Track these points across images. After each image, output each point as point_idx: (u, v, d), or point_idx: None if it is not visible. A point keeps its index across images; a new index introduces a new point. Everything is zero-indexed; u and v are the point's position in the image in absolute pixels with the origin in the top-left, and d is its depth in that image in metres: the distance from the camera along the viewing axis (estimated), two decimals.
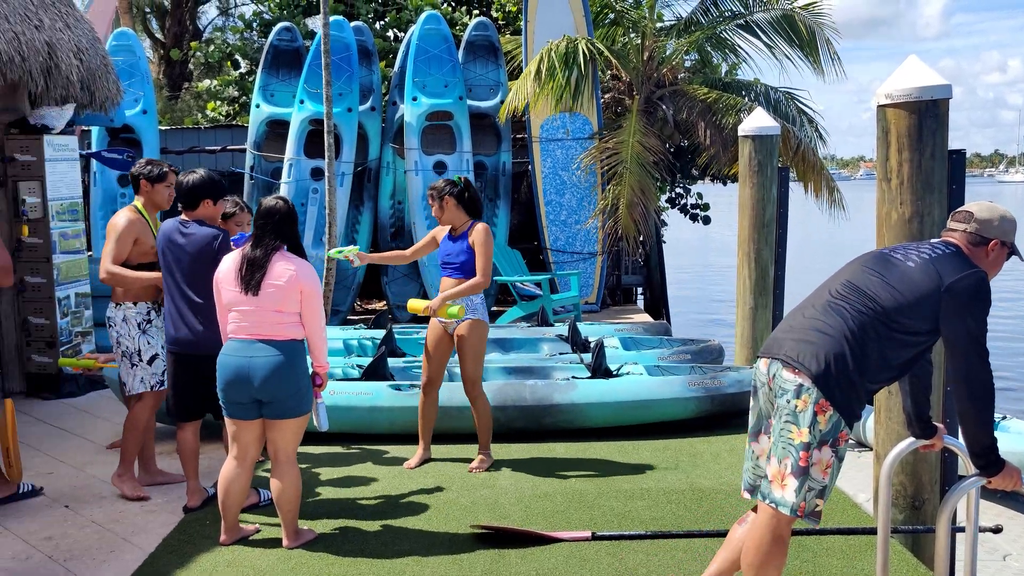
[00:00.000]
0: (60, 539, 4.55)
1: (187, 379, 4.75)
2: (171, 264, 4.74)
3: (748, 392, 6.35)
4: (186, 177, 4.83)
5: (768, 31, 12.19)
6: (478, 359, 5.43)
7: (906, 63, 4.33)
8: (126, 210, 5.14)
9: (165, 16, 24.09)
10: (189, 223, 4.77)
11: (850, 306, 3.17)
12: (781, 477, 3.16)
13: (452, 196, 5.39)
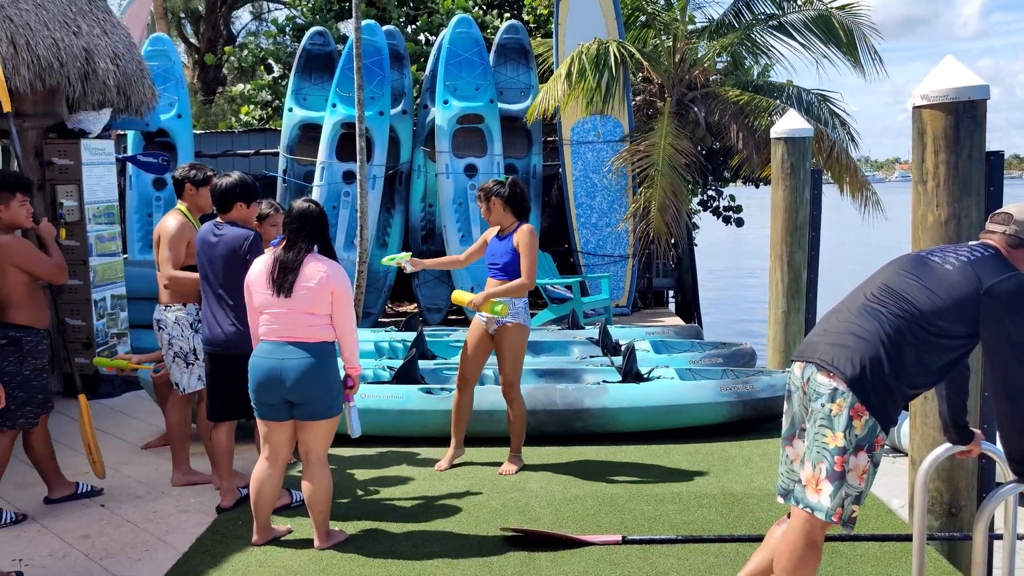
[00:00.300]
0: (96, 538, 4.61)
1: (221, 379, 4.79)
2: (205, 266, 4.80)
3: (781, 396, 6.31)
4: (220, 180, 4.88)
5: (803, 31, 12.10)
6: (517, 362, 5.43)
7: (942, 63, 4.27)
8: (174, 214, 5.21)
9: (200, 21, 24.39)
10: (223, 225, 4.83)
11: (886, 310, 3.13)
12: (816, 481, 3.13)
13: (499, 197, 5.39)
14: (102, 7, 7.76)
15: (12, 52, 6.42)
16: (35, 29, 6.64)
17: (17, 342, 4.74)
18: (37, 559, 4.34)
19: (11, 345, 4.72)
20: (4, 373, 4.70)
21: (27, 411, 4.83)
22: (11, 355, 4.72)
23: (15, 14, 6.56)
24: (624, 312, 11.25)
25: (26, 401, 4.81)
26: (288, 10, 20.45)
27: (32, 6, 6.79)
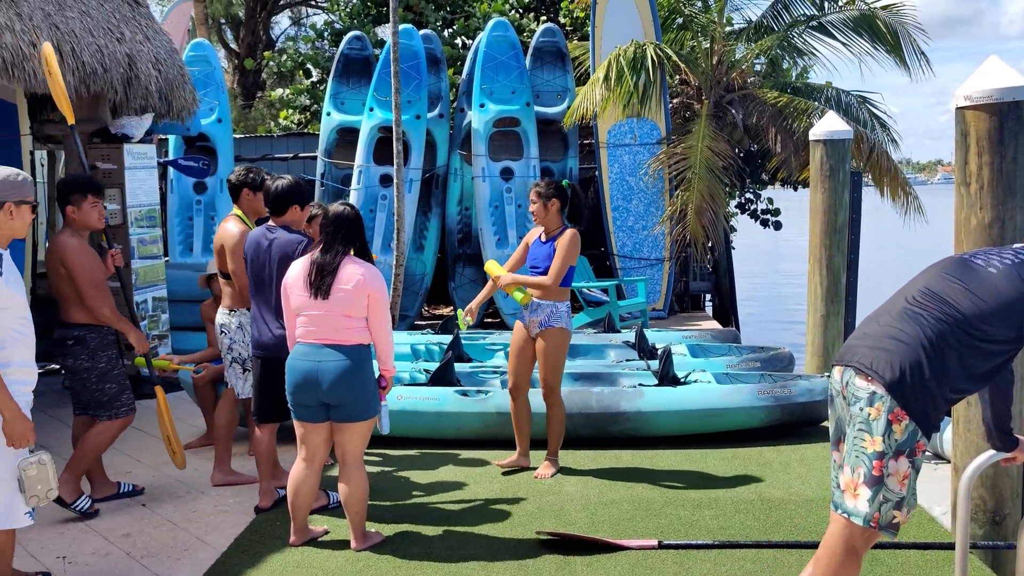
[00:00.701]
0: (137, 536, 4.68)
1: (270, 382, 4.81)
2: (257, 270, 4.80)
3: (819, 401, 6.26)
4: (274, 183, 4.88)
5: (844, 31, 11.96)
6: (558, 366, 5.43)
7: (986, 64, 4.21)
8: (233, 220, 5.26)
9: (239, 27, 24.69)
10: (275, 228, 4.84)
11: (928, 313, 3.09)
12: (854, 487, 3.09)
13: (559, 199, 5.39)
14: (145, 14, 7.88)
15: (58, 59, 6.53)
16: (80, 36, 6.77)
17: (82, 340, 4.83)
18: (80, 557, 4.42)
19: (77, 344, 4.82)
20: (80, 370, 4.82)
21: (124, 399, 4.96)
22: (80, 354, 4.83)
23: (61, 21, 6.69)
24: (661, 316, 11.20)
25: (118, 391, 4.93)
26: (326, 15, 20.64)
27: (77, 13, 6.91)
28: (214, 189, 10.83)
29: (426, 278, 11.00)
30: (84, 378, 4.86)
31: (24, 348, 3.65)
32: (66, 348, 4.86)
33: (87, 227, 4.92)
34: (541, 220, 5.43)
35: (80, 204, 4.86)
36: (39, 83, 6.40)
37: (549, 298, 5.40)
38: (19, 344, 3.62)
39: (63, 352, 4.88)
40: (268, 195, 4.88)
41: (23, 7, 6.37)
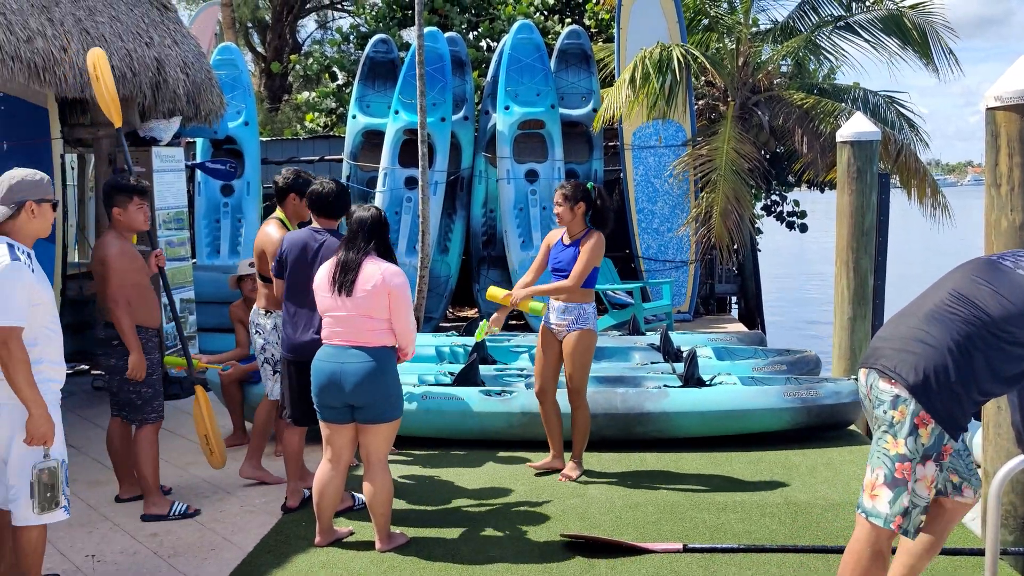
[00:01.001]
0: (165, 536, 4.72)
1: (306, 385, 4.78)
2: (302, 270, 4.73)
3: (846, 404, 6.22)
4: (322, 187, 4.82)
5: (871, 31, 11.87)
6: (584, 369, 5.41)
7: (1017, 63, 4.16)
8: (274, 224, 5.28)
9: (266, 30, 24.87)
10: (322, 232, 4.81)
11: (955, 316, 3.05)
12: (872, 487, 3.08)
13: (585, 203, 5.38)
14: (173, 18, 7.96)
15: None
16: (110, 41, 6.85)
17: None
18: (109, 555, 4.46)
19: (122, 344, 4.85)
20: (121, 370, 4.86)
21: (156, 405, 4.99)
22: (124, 354, 4.86)
23: (91, 26, 6.77)
24: (686, 318, 11.15)
25: (153, 396, 4.97)
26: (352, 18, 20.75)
27: (107, 18, 6.99)
28: (241, 192, 10.91)
29: (451, 280, 11.01)
30: (123, 379, 4.89)
31: (54, 346, 3.72)
32: (110, 347, 4.89)
33: (132, 229, 4.97)
34: (566, 223, 5.42)
35: (126, 206, 4.91)
36: (69, 87, 6.49)
37: (575, 300, 5.39)
38: (50, 342, 3.69)
39: (106, 351, 4.91)
40: (319, 199, 4.79)
41: (55, 13, 6.46)
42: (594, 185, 5.50)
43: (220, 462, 5.37)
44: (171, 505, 4.98)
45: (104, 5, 7.07)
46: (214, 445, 5.31)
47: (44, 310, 3.66)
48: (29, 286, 3.56)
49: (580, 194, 5.38)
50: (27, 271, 3.57)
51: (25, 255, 3.62)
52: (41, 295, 3.64)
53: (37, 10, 6.31)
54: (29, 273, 3.58)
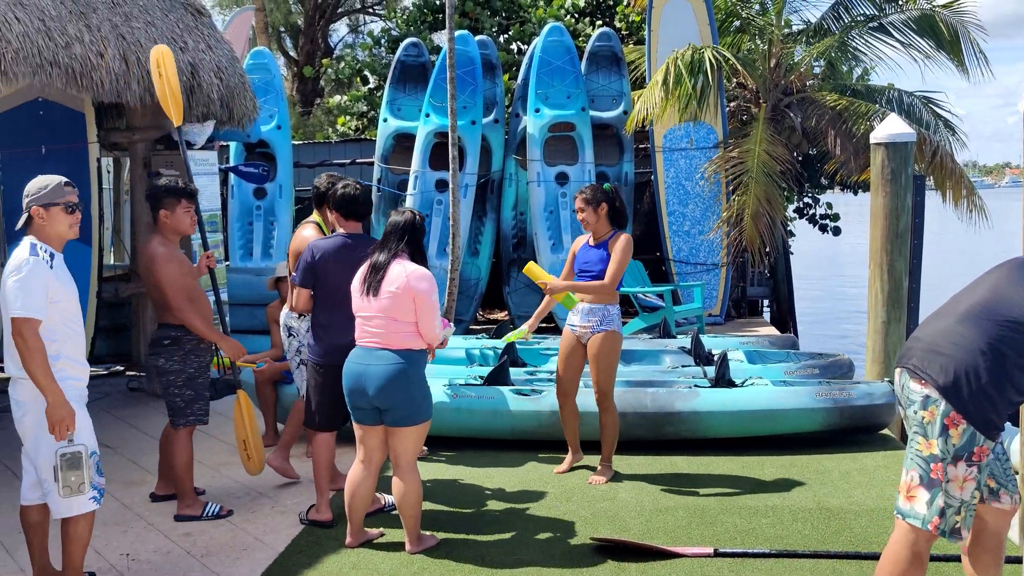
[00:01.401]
0: (198, 536, 4.76)
1: (328, 390, 4.80)
2: (334, 278, 4.70)
3: (879, 406, 6.17)
4: (351, 190, 4.81)
5: (905, 32, 11.73)
6: (610, 371, 5.41)
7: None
8: (311, 228, 5.32)
9: (299, 35, 25.06)
10: (355, 236, 4.82)
11: (988, 317, 3.02)
12: (907, 488, 3.05)
13: (607, 203, 5.41)
14: (207, 23, 8.05)
15: (124, 68, 6.71)
16: (145, 46, 6.93)
17: (178, 341, 4.90)
18: (143, 554, 4.51)
19: (173, 344, 4.89)
20: (170, 371, 4.90)
21: (197, 408, 5.02)
22: (174, 354, 4.91)
23: (127, 32, 6.86)
24: (717, 321, 11.08)
25: (195, 398, 5.00)
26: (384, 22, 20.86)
27: (143, 24, 7.09)
28: (273, 195, 11.01)
29: (481, 283, 11.03)
30: (171, 380, 4.92)
31: (73, 344, 3.85)
32: (161, 347, 4.92)
33: (178, 232, 4.98)
34: (591, 225, 5.45)
35: (174, 208, 4.92)
36: (106, 92, 6.58)
37: (600, 301, 5.39)
38: (69, 340, 3.83)
39: (157, 351, 4.94)
40: (347, 200, 4.78)
41: (92, 19, 6.56)
42: (611, 185, 5.55)
43: (257, 468, 5.38)
44: (204, 506, 5.03)
45: (140, 11, 7.16)
46: (252, 451, 5.32)
47: (63, 308, 3.79)
48: (46, 283, 3.70)
49: (600, 196, 5.43)
50: (45, 267, 3.72)
51: (47, 254, 3.77)
52: (60, 293, 3.76)
53: (75, 16, 6.41)
54: (47, 270, 3.73)
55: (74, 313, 3.86)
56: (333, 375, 4.71)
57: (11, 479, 5.64)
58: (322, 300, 4.79)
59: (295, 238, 5.37)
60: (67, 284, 3.83)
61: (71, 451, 3.71)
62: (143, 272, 4.98)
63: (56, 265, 3.79)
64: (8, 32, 5.76)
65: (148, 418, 7.15)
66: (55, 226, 3.84)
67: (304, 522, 4.87)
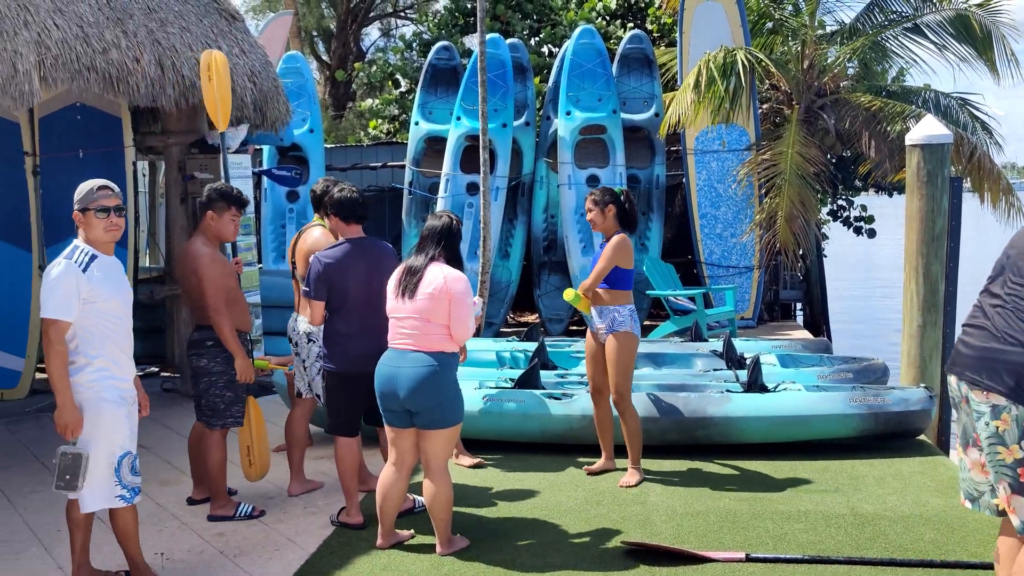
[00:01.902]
0: (231, 535, 4.81)
1: (345, 395, 4.81)
2: (347, 284, 4.70)
3: (915, 412, 6.06)
4: (347, 192, 4.84)
5: (939, 32, 11.59)
6: (624, 372, 5.40)
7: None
8: (320, 229, 5.33)
9: (331, 39, 25.25)
10: (360, 240, 4.82)
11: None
12: (1007, 502, 3.00)
13: (615, 205, 5.44)
14: (241, 28, 8.13)
15: (159, 73, 6.80)
16: (180, 51, 7.02)
17: (221, 343, 4.94)
18: (177, 554, 4.56)
19: (216, 347, 4.94)
20: (212, 372, 4.96)
21: (235, 410, 5.06)
22: (217, 356, 4.95)
23: (163, 37, 6.95)
24: (749, 325, 11.00)
25: (235, 400, 5.05)
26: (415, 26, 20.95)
27: (178, 29, 7.17)
28: (306, 198, 11.08)
29: (511, 285, 11.03)
30: (212, 381, 4.97)
31: (113, 344, 3.92)
32: (204, 348, 4.96)
33: (221, 237, 5.03)
34: (599, 226, 5.51)
35: (222, 213, 4.98)
36: (141, 97, 6.67)
37: (605, 303, 5.45)
38: (109, 339, 3.90)
39: (199, 352, 4.98)
40: (346, 203, 4.77)
41: (128, 25, 6.65)
42: (622, 189, 5.60)
43: (257, 475, 5.34)
44: (237, 506, 5.07)
45: (175, 16, 7.25)
46: (255, 457, 5.30)
47: (101, 309, 3.86)
48: (77, 285, 3.78)
49: (608, 197, 5.48)
50: (76, 270, 3.80)
51: (85, 256, 3.86)
52: (97, 294, 3.84)
53: (112, 22, 6.51)
54: (79, 273, 3.80)
55: (117, 313, 3.93)
56: (350, 383, 4.74)
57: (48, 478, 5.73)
58: (335, 309, 4.77)
59: (304, 239, 5.36)
60: (108, 285, 3.89)
61: (71, 452, 3.84)
62: (183, 272, 5.01)
63: (95, 267, 3.86)
64: (48, 39, 5.85)
65: (182, 419, 7.22)
66: (90, 230, 3.91)
67: (335, 523, 4.90)
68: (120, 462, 3.91)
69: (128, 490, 3.94)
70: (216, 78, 5.58)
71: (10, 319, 8.01)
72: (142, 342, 9.11)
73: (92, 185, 3.94)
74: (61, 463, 3.83)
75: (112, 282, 3.93)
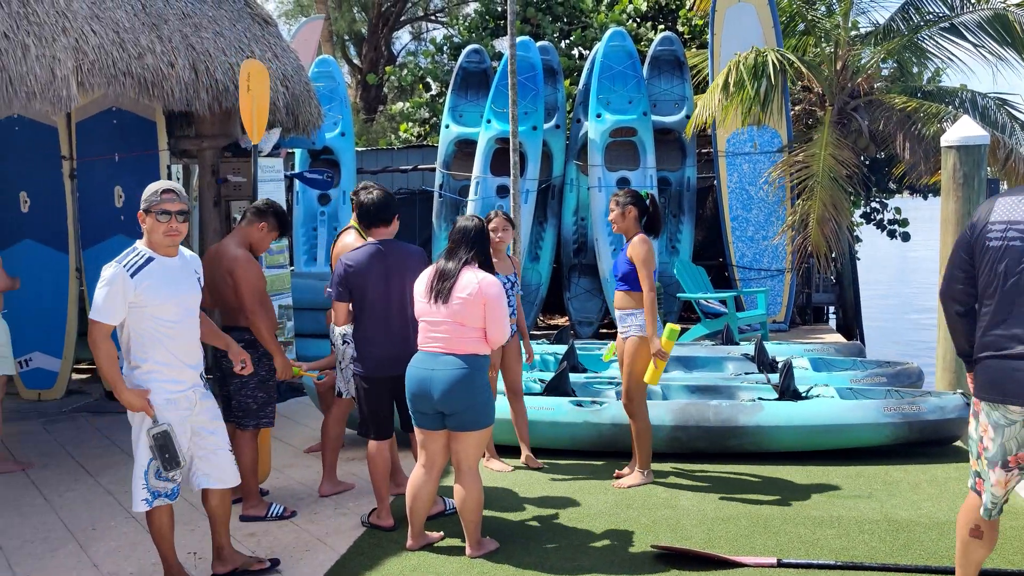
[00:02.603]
0: (262, 536, 4.84)
1: (381, 399, 4.83)
2: (371, 286, 4.72)
3: (951, 420, 5.95)
4: (372, 195, 4.85)
5: (976, 33, 11.43)
6: (635, 376, 5.39)
7: None
8: (353, 232, 5.38)
9: (362, 43, 25.38)
10: (386, 243, 4.83)
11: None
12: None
13: (635, 207, 5.40)
14: (274, 32, 8.19)
15: (193, 77, 6.87)
16: (214, 55, 7.09)
17: (253, 345, 4.99)
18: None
19: (249, 348, 4.95)
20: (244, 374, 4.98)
21: (268, 411, 5.13)
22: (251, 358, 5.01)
23: (197, 42, 7.02)
24: (781, 328, 10.92)
25: (267, 401, 5.11)
26: (446, 29, 21.02)
27: (212, 34, 7.25)
28: (337, 201, 11.16)
29: (541, 288, 11.03)
30: (244, 382, 5.00)
31: (166, 349, 3.93)
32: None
33: (256, 247, 5.13)
34: (619, 227, 5.46)
35: (271, 231, 5.12)
36: (176, 101, 6.74)
37: (623, 307, 5.41)
38: (159, 344, 3.92)
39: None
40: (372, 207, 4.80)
41: (163, 30, 6.73)
42: (648, 193, 5.54)
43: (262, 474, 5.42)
44: (269, 507, 5.11)
45: (209, 21, 7.32)
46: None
47: (150, 313, 3.87)
48: (123, 289, 3.80)
49: (630, 199, 5.43)
50: (125, 274, 3.82)
51: (140, 258, 3.88)
52: (148, 299, 3.85)
53: (147, 28, 6.59)
54: (127, 277, 3.82)
55: (171, 317, 3.91)
56: (379, 387, 4.76)
57: (83, 476, 5.81)
58: (360, 312, 4.78)
59: (338, 243, 5.42)
60: (162, 289, 3.88)
61: (158, 430, 3.86)
62: (216, 273, 5.02)
63: (150, 270, 3.85)
64: (85, 44, 5.94)
65: None
66: (151, 232, 3.94)
67: (366, 525, 4.92)
68: None
69: (151, 493, 3.97)
70: (255, 88, 5.64)
71: (47, 321, 8.13)
72: None
73: (158, 187, 3.95)
74: (155, 445, 3.86)
75: (169, 285, 3.90)
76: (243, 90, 5.75)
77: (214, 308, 5.23)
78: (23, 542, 4.80)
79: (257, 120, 5.69)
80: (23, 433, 7.02)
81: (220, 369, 5.12)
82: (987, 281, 3.25)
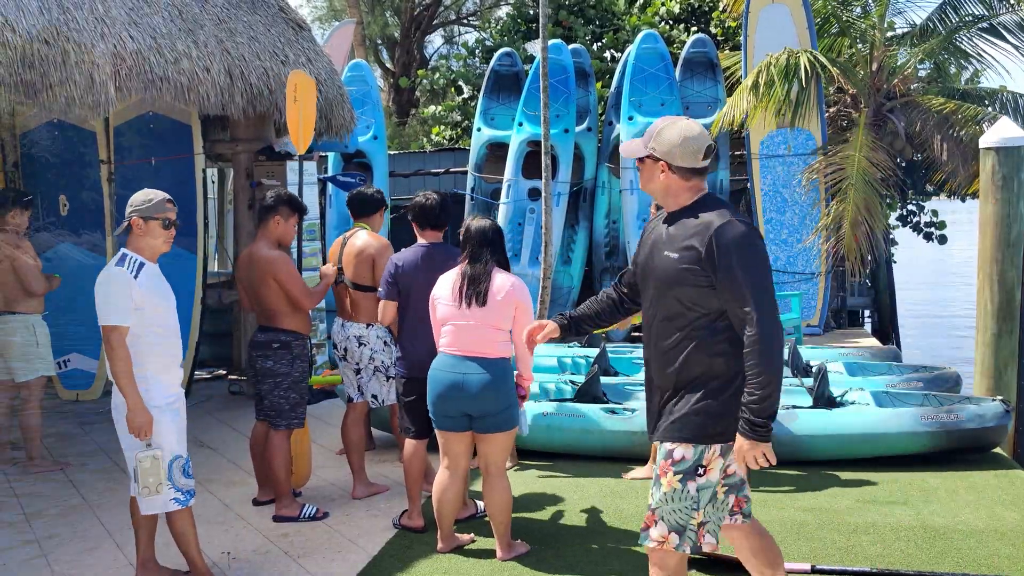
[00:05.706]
0: (295, 536, 4.88)
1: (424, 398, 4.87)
2: (420, 287, 4.71)
3: (990, 427, 5.84)
4: (428, 200, 4.89)
5: (1017, 33, 11.26)
6: None
7: None
8: (367, 233, 5.49)
9: (395, 47, 25.52)
10: (437, 246, 4.87)
11: None
12: None
13: None
14: (307, 36, 8.26)
15: (228, 82, 6.94)
16: (248, 60, 7.16)
17: (288, 346, 5.06)
18: (242, 553, 4.64)
19: (283, 348, 5.05)
20: (278, 374, 5.06)
21: (300, 411, 5.18)
22: (283, 358, 5.06)
23: (232, 47, 7.10)
24: (816, 332, 10.80)
25: (299, 402, 5.16)
26: (478, 33, 21.08)
27: (246, 39, 7.32)
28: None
29: (573, 291, 11.01)
30: (277, 382, 5.06)
31: (159, 352, 3.99)
32: (270, 350, 5.06)
33: (284, 241, 5.20)
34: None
35: (288, 219, 5.16)
36: (211, 105, 6.82)
37: None
38: (154, 347, 3.97)
39: (265, 353, 5.07)
40: (425, 211, 4.86)
41: (199, 35, 6.81)
42: None
43: (297, 485, 5.44)
44: (301, 508, 5.14)
45: (244, 26, 7.40)
46: (296, 468, 5.38)
47: (147, 317, 3.93)
48: (129, 291, 3.87)
49: None
50: (127, 277, 3.89)
51: (135, 264, 3.95)
52: (145, 302, 3.92)
53: (183, 33, 6.67)
54: (132, 279, 3.89)
55: (163, 323, 4.00)
56: (415, 386, 4.76)
57: (121, 476, 5.88)
58: (407, 312, 4.82)
59: (353, 243, 5.45)
60: (156, 294, 3.98)
61: (148, 455, 3.89)
62: (254, 276, 5.08)
63: (144, 275, 3.95)
64: (123, 50, 6.02)
65: (248, 420, 7.30)
66: (150, 239, 4.02)
67: (397, 526, 4.93)
68: (171, 466, 3.98)
69: (182, 493, 4.02)
70: (302, 98, 5.70)
71: (85, 323, 8.24)
72: (210, 346, 9.37)
73: (160, 197, 4.04)
74: (140, 468, 3.88)
75: (161, 289, 4.04)
76: (290, 100, 5.82)
77: (252, 310, 5.29)
78: (61, 541, 4.87)
79: (303, 132, 5.76)
80: (61, 433, 7.13)
81: (253, 368, 5.17)
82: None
